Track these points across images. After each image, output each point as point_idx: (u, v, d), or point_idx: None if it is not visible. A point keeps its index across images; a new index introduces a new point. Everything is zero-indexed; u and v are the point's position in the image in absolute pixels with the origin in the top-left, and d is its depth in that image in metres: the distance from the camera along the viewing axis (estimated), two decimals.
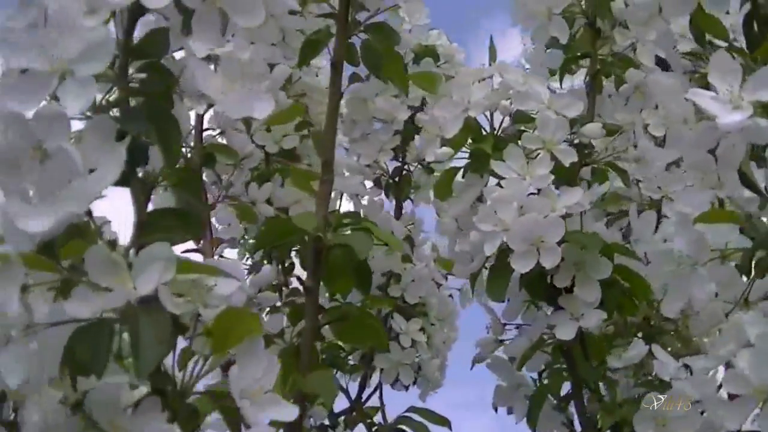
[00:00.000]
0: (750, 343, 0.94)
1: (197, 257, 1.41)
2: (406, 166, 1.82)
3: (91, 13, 0.80)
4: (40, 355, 0.77)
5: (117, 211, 0.88)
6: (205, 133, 1.48)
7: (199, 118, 1.43)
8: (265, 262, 1.66)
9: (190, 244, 1.52)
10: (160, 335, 0.75)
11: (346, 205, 1.63)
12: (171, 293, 0.78)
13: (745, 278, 1.05)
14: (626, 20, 1.39)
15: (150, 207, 0.87)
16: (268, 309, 1.58)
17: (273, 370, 0.81)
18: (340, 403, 1.68)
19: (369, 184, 1.78)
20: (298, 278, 1.56)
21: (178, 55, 0.90)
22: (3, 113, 0.78)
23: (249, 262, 1.73)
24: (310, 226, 1.23)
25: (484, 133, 1.32)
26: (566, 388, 1.38)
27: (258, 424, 0.78)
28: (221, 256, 1.64)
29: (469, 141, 1.33)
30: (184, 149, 1.05)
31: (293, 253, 1.61)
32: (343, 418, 1.63)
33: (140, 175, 0.87)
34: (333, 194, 1.38)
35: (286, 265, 1.64)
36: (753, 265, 1.02)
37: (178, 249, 0.82)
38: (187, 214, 0.86)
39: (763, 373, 0.92)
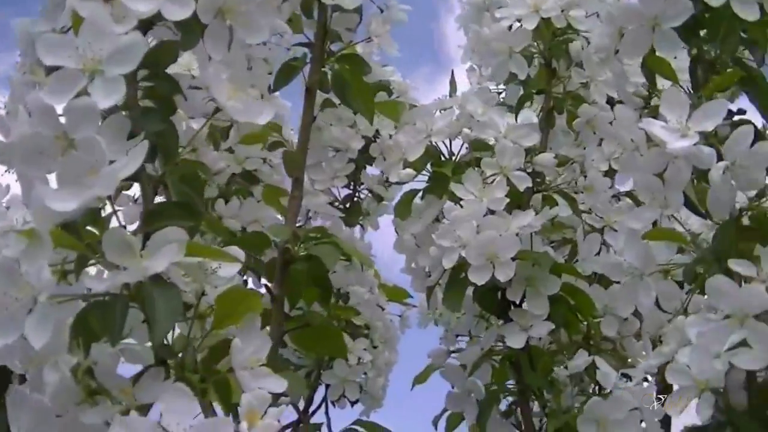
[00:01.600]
0: (690, 342, 1.06)
1: None
2: (356, 194, 1.93)
3: (119, 20, 0.91)
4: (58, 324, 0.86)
5: None
6: None
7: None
8: None
9: None
10: (173, 308, 0.85)
11: None
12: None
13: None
14: (581, 60, 1.53)
15: None
16: None
17: (266, 346, 0.91)
18: (287, 418, 1.76)
19: None
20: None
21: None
22: (36, 105, 0.87)
23: None
24: (283, 237, 1.33)
25: (443, 158, 1.44)
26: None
27: (253, 391, 0.87)
28: None
29: (429, 165, 1.44)
30: None
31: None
32: (290, 430, 1.70)
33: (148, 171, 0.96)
34: None
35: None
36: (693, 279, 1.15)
37: None
38: (190, 206, 0.96)
39: (702, 366, 1.05)
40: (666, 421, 1.42)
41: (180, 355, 0.90)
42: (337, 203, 1.88)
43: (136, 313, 0.88)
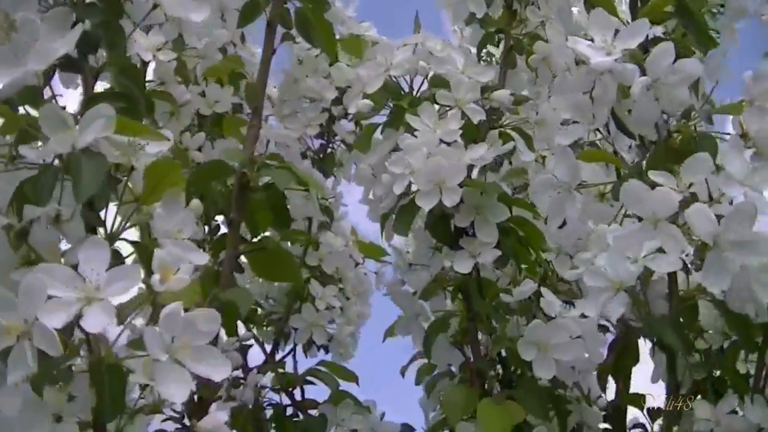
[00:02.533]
0: (608, 246, 1.17)
1: None
2: (330, 145, 2.04)
3: None
4: None
5: None
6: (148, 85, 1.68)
7: (143, 67, 1.62)
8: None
9: None
10: (98, 173, 0.95)
11: None
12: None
13: None
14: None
15: None
16: None
17: (190, 221, 1.01)
18: (256, 359, 1.87)
19: None
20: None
21: None
22: None
23: None
24: (238, 160, 1.44)
25: (403, 93, 1.53)
26: None
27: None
28: None
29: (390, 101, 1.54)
30: None
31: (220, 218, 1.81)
32: (255, 370, 1.80)
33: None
34: None
35: (213, 227, 1.84)
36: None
37: None
38: (128, 96, 1.07)
39: (617, 268, 1.15)
40: None
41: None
42: (311, 153, 1.99)
43: None
